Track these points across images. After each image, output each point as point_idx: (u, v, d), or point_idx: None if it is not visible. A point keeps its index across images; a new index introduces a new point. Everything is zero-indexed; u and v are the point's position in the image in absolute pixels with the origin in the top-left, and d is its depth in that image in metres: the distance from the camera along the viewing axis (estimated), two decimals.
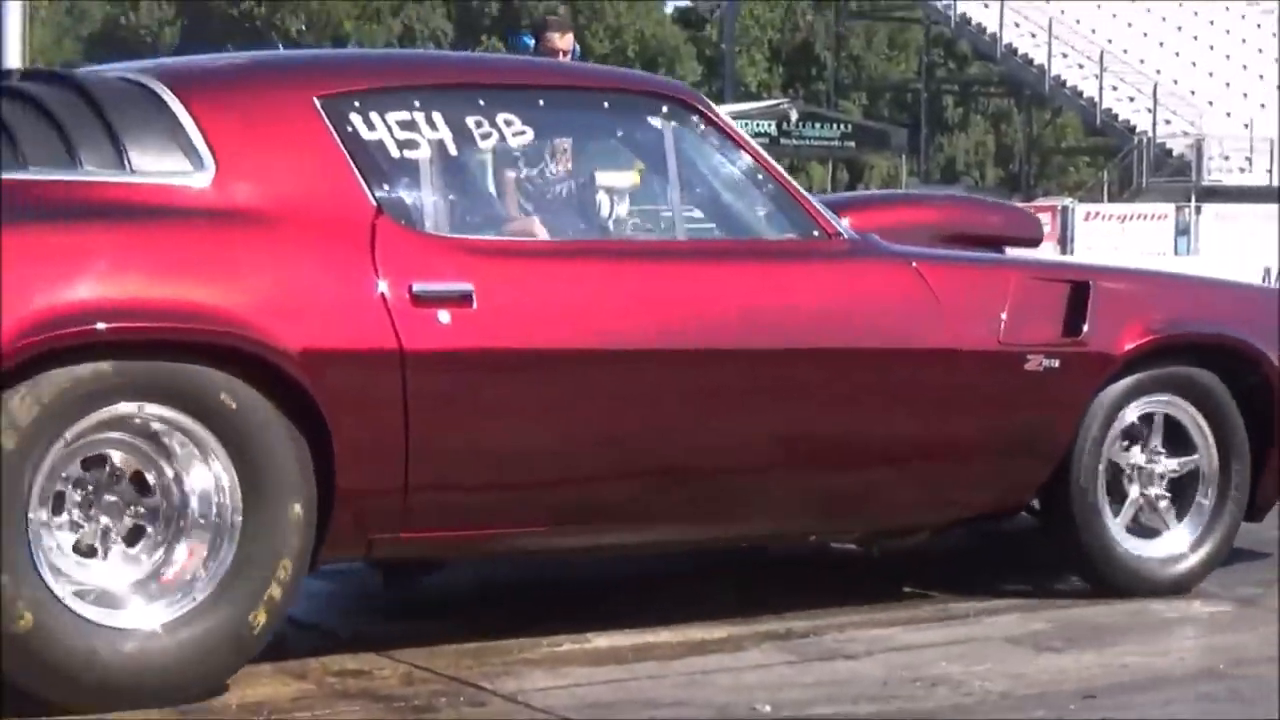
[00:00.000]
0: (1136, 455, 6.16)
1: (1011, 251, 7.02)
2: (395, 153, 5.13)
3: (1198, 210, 35.50)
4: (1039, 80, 45.35)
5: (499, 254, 5.25)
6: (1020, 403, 5.93)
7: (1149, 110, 42.37)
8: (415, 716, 4.54)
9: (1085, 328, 5.93)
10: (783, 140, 40.59)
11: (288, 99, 5.18)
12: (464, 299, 4.93)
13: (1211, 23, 49.36)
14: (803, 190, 5.94)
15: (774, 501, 5.75)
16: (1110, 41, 45.37)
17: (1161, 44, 46.92)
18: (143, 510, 4.60)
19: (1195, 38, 47.97)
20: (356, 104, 5.14)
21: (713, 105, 6.17)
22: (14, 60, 13.22)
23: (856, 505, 5.95)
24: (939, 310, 5.83)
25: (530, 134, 5.57)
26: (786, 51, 79.93)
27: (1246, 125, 42.01)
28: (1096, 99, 44.18)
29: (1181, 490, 6.21)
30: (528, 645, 5.17)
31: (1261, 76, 45.85)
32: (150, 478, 4.60)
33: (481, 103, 5.43)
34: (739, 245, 5.86)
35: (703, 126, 5.81)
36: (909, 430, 5.80)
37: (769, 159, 5.95)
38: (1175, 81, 44.11)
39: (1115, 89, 44.08)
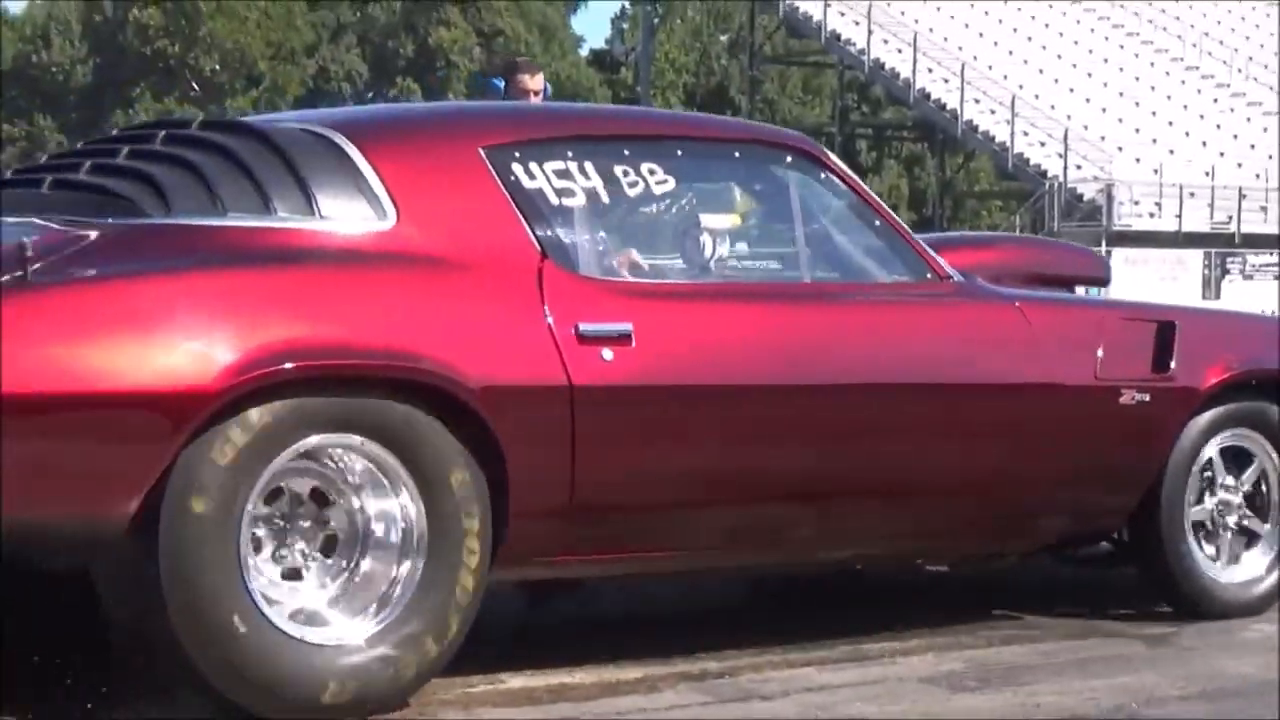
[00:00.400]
0: (1216, 485, 6.50)
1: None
2: (554, 200, 5.46)
3: (1108, 254, 35.88)
4: (952, 125, 45.62)
5: (652, 296, 5.58)
6: (1115, 435, 6.29)
7: (1060, 155, 42.64)
8: None
9: (1173, 364, 6.31)
10: None
11: (455, 149, 5.53)
12: (624, 338, 5.27)
13: (1121, 70, 49.87)
14: (914, 234, 6.31)
15: (894, 525, 6.14)
16: (1021, 87, 45.73)
17: (1072, 90, 47.34)
18: (335, 534, 4.93)
19: (1105, 85, 48.42)
20: (517, 154, 5.48)
21: (832, 156, 6.51)
22: None
23: (965, 530, 6.32)
24: (1041, 347, 6.23)
25: (672, 182, 5.87)
26: (701, 95, 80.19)
27: (1155, 171, 42.41)
28: (1008, 144, 44.41)
29: (1254, 518, 6.57)
30: (441, 686, 5.12)
31: (1170, 123, 46.38)
32: (341, 504, 4.93)
33: (626, 153, 5.76)
34: (864, 287, 6.17)
35: (823, 175, 6.17)
36: (1015, 460, 6.13)
37: (883, 205, 6.33)
38: (1085, 127, 44.44)
39: (1027, 134, 44.36)
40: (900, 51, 46.72)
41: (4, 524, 4.49)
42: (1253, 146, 46.25)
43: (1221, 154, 44.56)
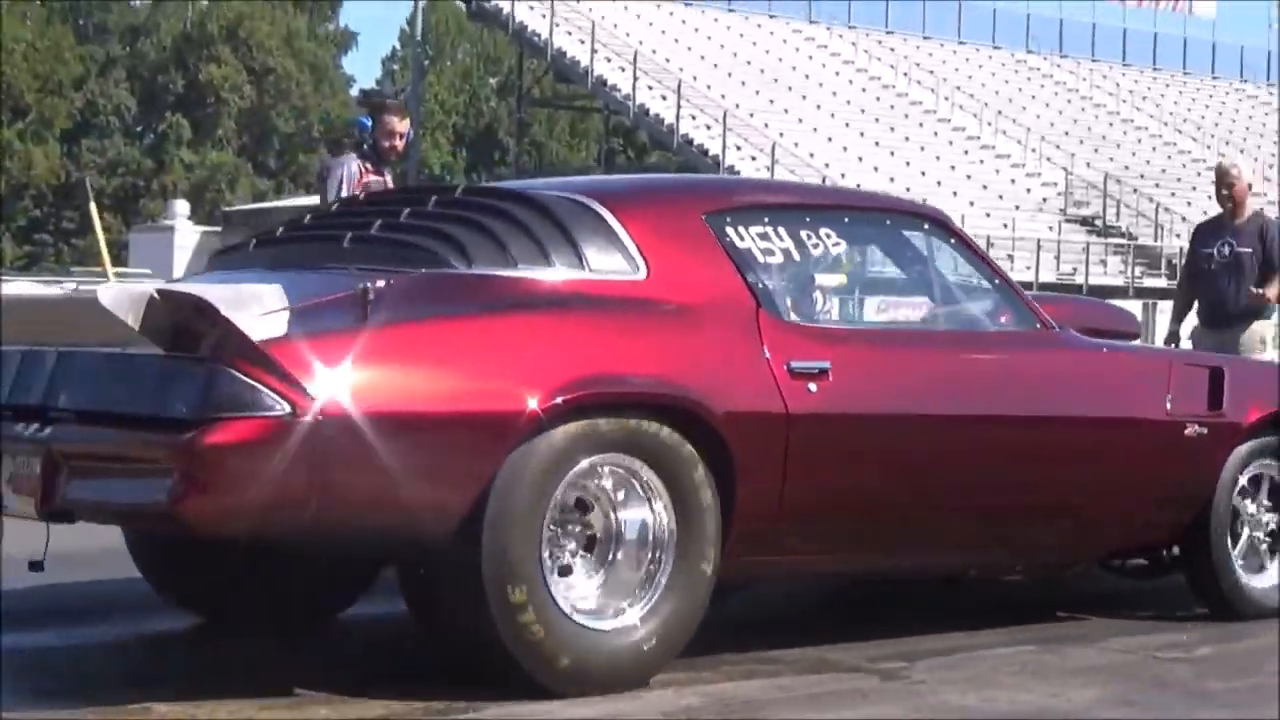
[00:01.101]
0: (1249, 506, 7.46)
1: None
2: (760, 257, 6.33)
3: None
4: (714, 170, 45.84)
5: (840, 339, 6.46)
6: (1180, 461, 7.22)
7: None
8: None
9: (1223, 403, 7.27)
10: None
11: (685, 215, 6.40)
12: (824, 374, 6.12)
13: (877, 120, 50.78)
14: (1024, 290, 7.27)
15: (1022, 536, 7.15)
16: (782, 135, 46.18)
17: (830, 139, 48.07)
18: (611, 532, 5.74)
19: (861, 134, 49.28)
20: (728, 219, 6.37)
21: (956, 224, 7.45)
22: None
23: (1067, 539, 7.30)
24: (1126, 387, 7.26)
25: (843, 244, 6.81)
26: (470, 136, 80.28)
27: None
28: None
29: (1276, 535, 7.58)
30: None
31: (923, 173, 47.12)
32: (609, 510, 5.74)
33: (807, 219, 6.67)
34: (997, 335, 7.11)
35: (952, 239, 7.10)
36: (1108, 481, 7.07)
37: (999, 265, 7.33)
38: (843, 175, 44.37)
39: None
40: (665, 98, 46.90)
41: (349, 523, 5.35)
42: (1001, 197, 47.24)
43: (971, 203, 45.26)
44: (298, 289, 5.56)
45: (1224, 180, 12.59)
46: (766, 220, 6.53)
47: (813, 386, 6.14)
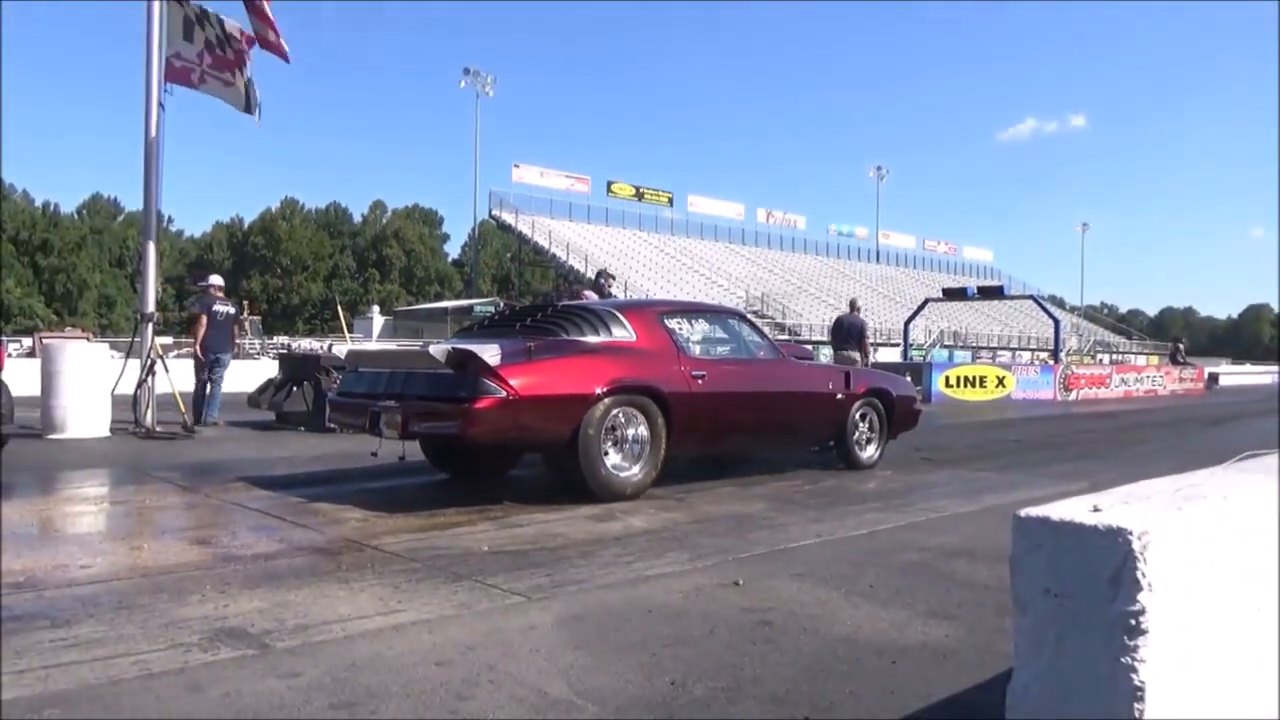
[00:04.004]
0: (860, 425, 7.80)
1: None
2: (680, 332, 6.56)
3: None
4: (598, 288, 38.62)
5: (709, 362, 6.59)
6: (835, 410, 7.48)
7: None
8: None
9: (850, 385, 7.59)
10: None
11: (650, 314, 6.59)
12: (704, 376, 6.37)
13: (660, 266, 51.71)
14: (775, 341, 7.44)
15: (786, 439, 7.38)
16: (629, 277, 46.54)
17: (646, 276, 48.53)
18: (625, 438, 6.02)
19: (658, 275, 50.00)
20: (665, 317, 6.57)
21: (749, 315, 7.82)
22: None
23: (798, 437, 7.54)
24: (816, 379, 7.42)
25: (707, 325, 6.96)
26: (499, 279, 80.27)
27: None
28: None
29: (872, 434, 7.88)
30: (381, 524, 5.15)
31: (692, 296, 46.81)
32: (626, 428, 6.02)
33: (694, 314, 6.96)
34: (765, 359, 7.14)
35: (749, 325, 7.25)
36: (814, 415, 7.36)
37: (765, 331, 7.47)
38: (648, 292, 44.58)
39: None
40: (581, 261, 47.72)
41: (528, 436, 5.63)
42: (722, 301, 46.24)
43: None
44: (502, 345, 5.78)
45: (853, 304, 14.11)
46: (679, 316, 6.73)
47: (700, 381, 6.32)
